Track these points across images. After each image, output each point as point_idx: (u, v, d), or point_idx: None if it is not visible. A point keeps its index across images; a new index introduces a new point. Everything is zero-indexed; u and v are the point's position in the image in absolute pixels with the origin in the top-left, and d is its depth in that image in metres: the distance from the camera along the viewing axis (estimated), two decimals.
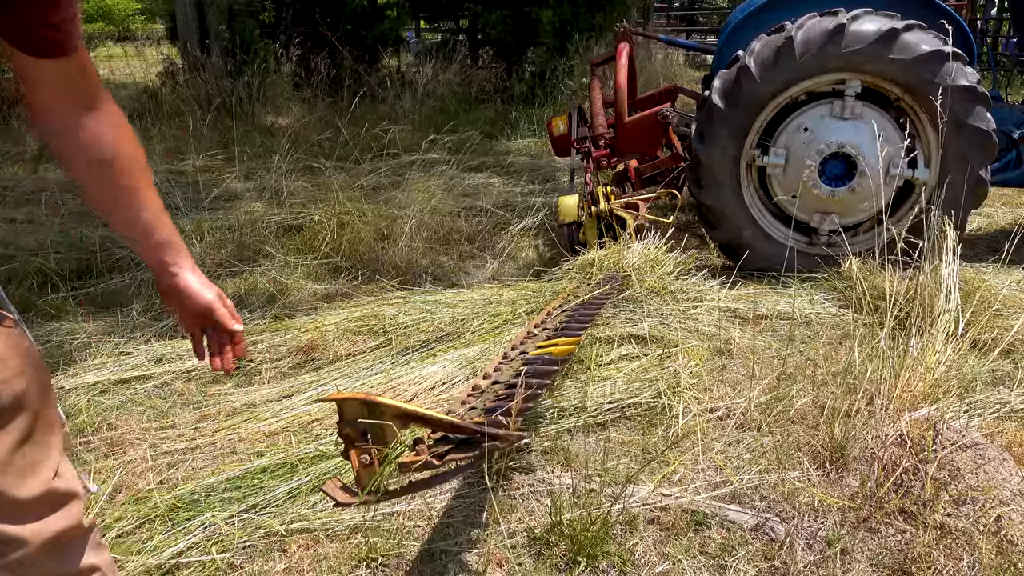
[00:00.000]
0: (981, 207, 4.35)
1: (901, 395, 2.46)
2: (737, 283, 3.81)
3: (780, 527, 2.07)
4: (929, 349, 2.64)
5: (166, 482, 2.32)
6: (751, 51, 3.87)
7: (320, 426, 2.59)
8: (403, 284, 3.99)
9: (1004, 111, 4.40)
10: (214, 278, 4.04)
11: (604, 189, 4.21)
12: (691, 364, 2.90)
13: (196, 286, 1.24)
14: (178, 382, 2.97)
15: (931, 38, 3.71)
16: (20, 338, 1.05)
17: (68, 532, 1.10)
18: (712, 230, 4.17)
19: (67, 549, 1.11)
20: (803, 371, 2.90)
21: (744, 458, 2.40)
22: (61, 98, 1.05)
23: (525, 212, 5.26)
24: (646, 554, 2.00)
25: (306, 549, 2.01)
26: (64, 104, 1.06)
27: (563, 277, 3.82)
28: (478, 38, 11.55)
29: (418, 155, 6.17)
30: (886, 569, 1.94)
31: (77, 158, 1.09)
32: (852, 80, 3.82)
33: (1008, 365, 2.98)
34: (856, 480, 2.22)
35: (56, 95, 1.04)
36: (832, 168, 3.97)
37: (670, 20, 18.77)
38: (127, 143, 1.13)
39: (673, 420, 2.56)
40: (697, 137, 4.04)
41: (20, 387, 1.03)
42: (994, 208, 5.45)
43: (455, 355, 3.05)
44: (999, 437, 2.46)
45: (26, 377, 1.04)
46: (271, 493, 2.21)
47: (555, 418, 2.62)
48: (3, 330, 1.02)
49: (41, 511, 1.06)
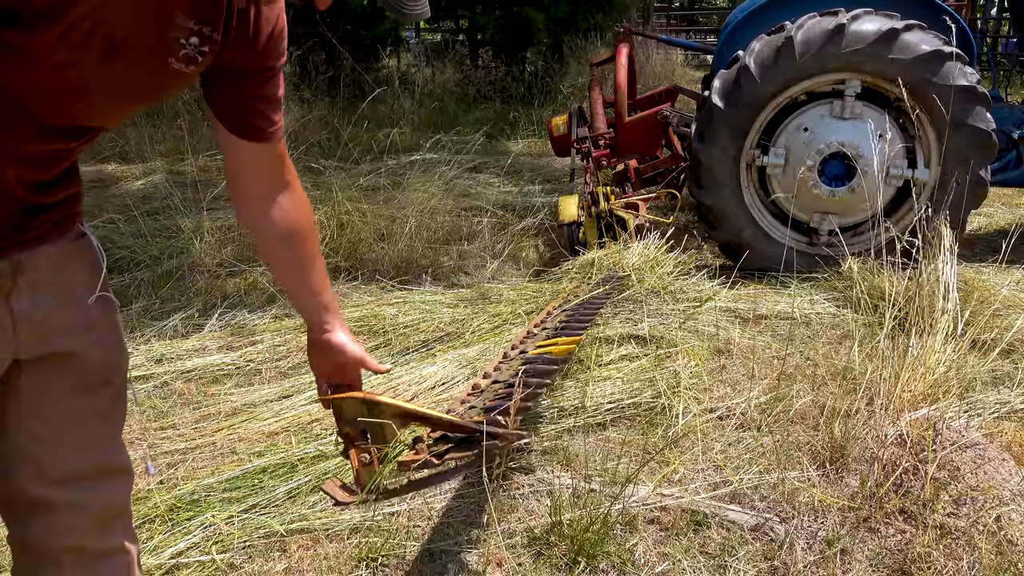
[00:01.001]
0: (981, 207, 4.35)
1: (901, 395, 2.46)
2: (737, 283, 3.81)
3: (780, 527, 2.07)
4: (929, 349, 2.64)
5: (166, 482, 2.32)
6: (751, 51, 3.87)
7: (320, 426, 2.59)
8: (403, 284, 3.99)
9: (1004, 111, 4.40)
10: (214, 278, 4.05)
11: (604, 189, 4.21)
12: (691, 364, 2.90)
13: (348, 342, 1.39)
14: (178, 382, 2.97)
15: (931, 38, 3.71)
16: (118, 320, 1.19)
17: (116, 507, 1.18)
18: (712, 230, 4.17)
19: (110, 525, 1.17)
20: (803, 371, 2.90)
21: (744, 458, 2.40)
22: (259, 177, 1.24)
23: (525, 212, 5.26)
24: (646, 554, 2.00)
25: (306, 549, 2.01)
26: (261, 182, 1.24)
27: (563, 277, 3.82)
28: (478, 38, 11.55)
29: (418, 155, 6.17)
30: (886, 569, 1.94)
31: (268, 230, 1.27)
32: (852, 80, 3.82)
33: (1008, 365, 2.98)
34: (856, 480, 2.22)
35: (255, 174, 1.23)
36: (832, 168, 3.97)
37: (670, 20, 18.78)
38: (309, 220, 1.32)
39: (673, 420, 2.55)
40: (697, 137, 4.04)
41: (114, 363, 1.16)
42: (994, 208, 5.45)
43: (455, 355, 3.05)
44: (999, 437, 2.46)
45: (121, 356, 1.19)
46: (271, 493, 2.21)
47: (555, 418, 2.62)
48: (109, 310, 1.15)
49: (98, 482, 1.13)
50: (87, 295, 1.10)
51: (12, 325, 1.03)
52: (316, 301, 1.35)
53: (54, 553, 1.11)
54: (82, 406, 1.11)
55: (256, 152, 1.20)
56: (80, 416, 1.10)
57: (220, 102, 1.16)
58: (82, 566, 1.13)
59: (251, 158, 1.21)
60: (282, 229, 1.27)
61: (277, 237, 1.28)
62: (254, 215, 1.26)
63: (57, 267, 1.07)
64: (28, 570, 1.14)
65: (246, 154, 1.20)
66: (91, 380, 1.11)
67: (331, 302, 1.37)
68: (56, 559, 1.11)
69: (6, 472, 1.08)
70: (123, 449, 1.20)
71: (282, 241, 1.28)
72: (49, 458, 1.08)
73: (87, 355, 1.10)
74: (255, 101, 1.16)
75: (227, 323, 3.53)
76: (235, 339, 3.32)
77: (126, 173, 6.33)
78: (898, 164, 3.91)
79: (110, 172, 6.51)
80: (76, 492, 1.10)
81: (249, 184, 1.24)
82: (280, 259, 1.32)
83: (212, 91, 1.15)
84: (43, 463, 1.07)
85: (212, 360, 3.12)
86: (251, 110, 1.17)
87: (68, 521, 1.11)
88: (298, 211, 1.28)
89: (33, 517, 1.10)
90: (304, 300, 1.36)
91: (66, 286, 1.08)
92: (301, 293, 1.35)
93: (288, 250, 1.30)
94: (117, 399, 1.18)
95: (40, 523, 1.09)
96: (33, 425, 1.07)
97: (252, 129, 1.18)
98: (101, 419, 1.14)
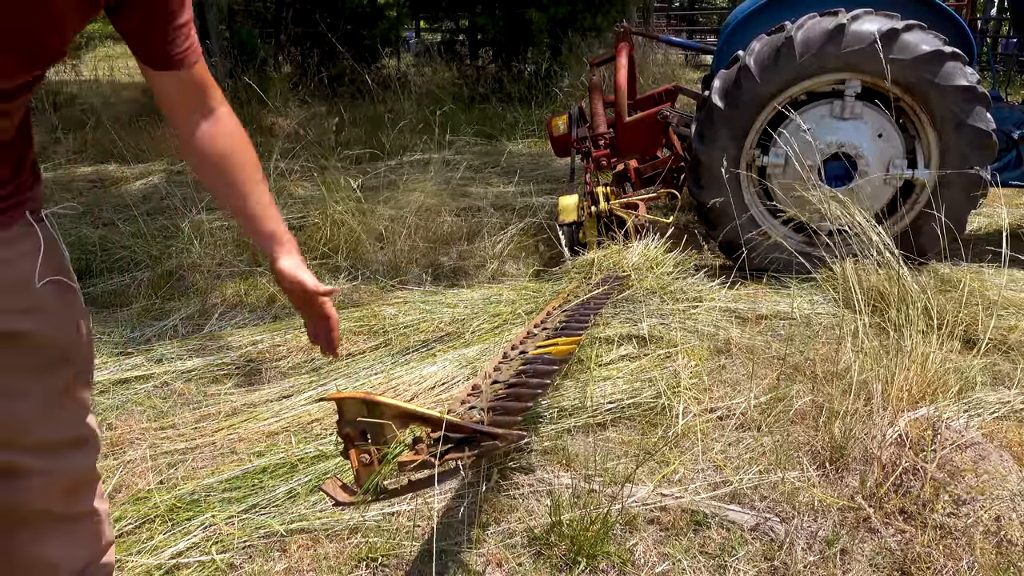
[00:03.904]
0: (981, 207, 4.34)
1: (900, 395, 2.46)
2: (737, 283, 3.81)
3: (780, 527, 2.07)
4: (928, 349, 2.64)
5: (166, 482, 2.32)
6: (751, 51, 3.87)
7: (320, 426, 2.59)
8: (403, 284, 3.99)
9: (1004, 111, 4.40)
10: (214, 278, 4.05)
11: (604, 189, 4.20)
12: (691, 364, 2.90)
13: (289, 268, 1.35)
14: (178, 382, 2.97)
15: (931, 38, 3.71)
16: (77, 304, 1.22)
17: (83, 475, 1.24)
18: (712, 230, 4.17)
19: (79, 490, 1.24)
20: (803, 371, 2.90)
21: (744, 458, 2.40)
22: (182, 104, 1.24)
23: (525, 212, 5.26)
24: (646, 554, 2.00)
25: (306, 549, 2.02)
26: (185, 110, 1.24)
27: (563, 277, 3.82)
28: (478, 38, 11.55)
29: (417, 155, 6.17)
30: (886, 569, 1.94)
31: (199, 158, 1.27)
32: (852, 80, 3.82)
33: (1008, 365, 2.98)
34: (856, 480, 2.22)
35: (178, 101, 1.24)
36: (832, 168, 3.97)
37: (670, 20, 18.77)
38: (240, 145, 1.30)
39: (673, 420, 2.56)
40: (697, 137, 4.04)
41: (71, 343, 1.20)
42: (994, 208, 5.44)
43: (455, 355, 3.05)
44: (998, 437, 2.46)
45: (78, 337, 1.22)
46: (271, 493, 2.21)
47: (555, 418, 2.62)
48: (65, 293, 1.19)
49: (63, 452, 1.20)
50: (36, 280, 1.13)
51: None
52: (257, 228, 1.33)
53: (23, 515, 1.18)
54: (42, 382, 1.16)
55: (171, 81, 1.20)
56: (41, 391, 1.16)
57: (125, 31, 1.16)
58: (50, 527, 1.20)
59: (167, 87, 1.21)
60: (211, 156, 1.27)
61: (209, 166, 1.28)
62: (185, 144, 1.27)
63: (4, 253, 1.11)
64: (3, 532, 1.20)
65: (162, 83, 1.21)
66: (46, 358, 1.16)
67: (275, 229, 1.34)
68: (25, 521, 1.18)
69: None
70: (90, 423, 1.26)
71: (213, 169, 1.28)
72: (17, 429, 1.14)
73: (37, 335, 1.14)
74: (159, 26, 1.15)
75: (227, 323, 3.54)
76: (235, 339, 3.32)
77: (126, 173, 6.33)
78: (898, 164, 3.91)
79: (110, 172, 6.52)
80: (44, 460, 1.17)
81: (174, 113, 1.25)
82: (214, 186, 1.32)
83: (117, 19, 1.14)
84: (12, 433, 1.14)
85: (212, 360, 3.12)
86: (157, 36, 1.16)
87: (37, 486, 1.17)
88: (226, 137, 1.28)
89: (4, 482, 1.16)
90: (248, 228, 1.35)
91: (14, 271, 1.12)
92: (243, 221, 1.34)
93: (220, 177, 1.29)
94: (79, 375, 1.23)
95: (11, 487, 1.16)
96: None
97: (161, 57, 1.18)
98: (63, 394, 1.19)
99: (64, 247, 1.23)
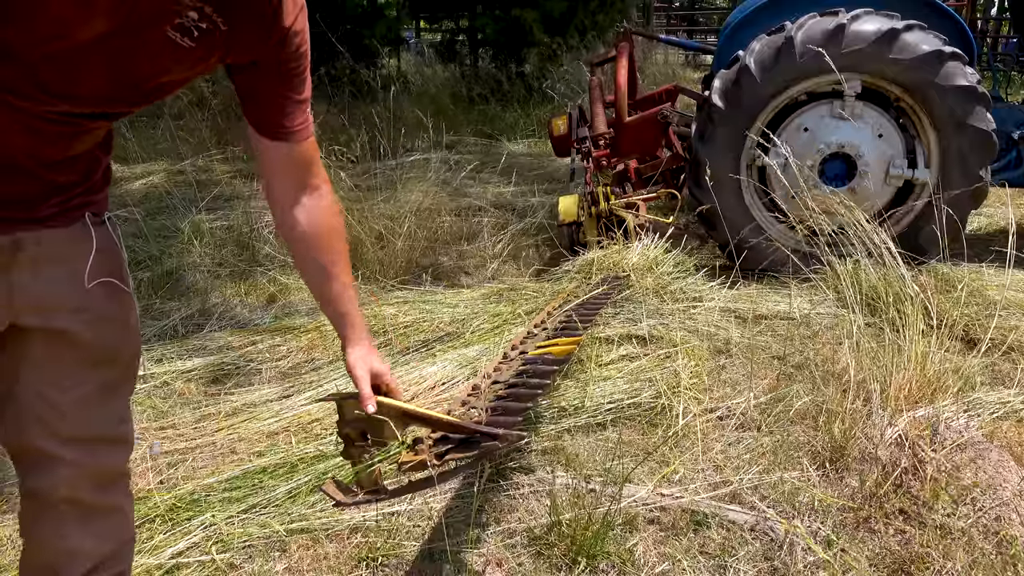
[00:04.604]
0: (981, 207, 4.34)
1: (900, 395, 2.46)
2: (737, 283, 3.81)
3: (780, 527, 2.07)
4: (928, 349, 2.64)
5: (166, 482, 2.32)
6: (751, 51, 3.87)
7: (320, 426, 2.59)
8: (403, 284, 3.99)
9: (1004, 111, 4.40)
10: (214, 278, 4.05)
11: (604, 189, 4.20)
12: (691, 364, 2.90)
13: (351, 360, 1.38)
14: (178, 382, 2.97)
15: (931, 38, 3.71)
16: (128, 306, 1.27)
17: (115, 470, 1.29)
18: (712, 230, 4.17)
19: (106, 485, 1.28)
20: (802, 371, 2.90)
21: (744, 458, 2.40)
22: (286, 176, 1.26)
23: (525, 212, 5.26)
24: (646, 554, 2.00)
25: (306, 549, 2.01)
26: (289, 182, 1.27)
27: (563, 277, 3.82)
28: (477, 38, 11.54)
29: (417, 155, 6.16)
30: (886, 569, 1.94)
31: (291, 231, 1.30)
32: (852, 80, 3.82)
33: (1008, 365, 2.98)
34: (856, 480, 2.22)
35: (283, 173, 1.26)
36: (832, 168, 3.96)
37: (670, 20, 18.78)
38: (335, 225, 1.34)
39: (673, 420, 2.55)
40: (697, 137, 4.04)
41: (119, 344, 1.24)
42: (994, 208, 5.44)
43: (455, 355, 3.05)
44: (998, 437, 2.46)
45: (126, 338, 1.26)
46: (271, 493, 2.20)
47: (555, 418, 2.62)
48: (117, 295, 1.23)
49: (98, 447, 1.24)
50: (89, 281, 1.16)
51: (9, 297, 1.11)
52: (332, 310, 1.36)
53: (54, 502, 1.21)
54: (84, 378, 1.19)
55: (279, 151, 1.22)
56: (82, 387, 1.19)
57: (244, 95, 1.19)
58: (77, 515, 1.23)
59: (274, 157, 1.23)
60: (303, 232, 1.28)
61: (299, 240, 1.30)
62: (280, 215, 1.29)
63: (61, 251, 1.14)
64: (32, 516, 1.25)
65: (270, 152, 1.23)
66: (90, 357, 1.19)
67: (347, 311, 1.36)
68: (55, 507, 1.22)
69: (19, 428, 1.19)
70: (128, 422, 1.31)
71: (303, 244, 1.30)
72: (56, 419, 1.18)
73: (82, 335, 1.17)
74: (277, 98, 1.18)
75: (227, 323, 3.53)
76: (235, 339, 3.32)
77: (126, 173, 6.33)
78: (898, 164, 3.91)
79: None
80: (78, 452, 1.20)
81: (274, 183, 1.27)
82: (302, 259, 1.34)
83: (237, 82, 1.17)
84: (51, 422, 1.18)
85: (212, 360, 3.12)
86: (273, 107, 1.19)
87: (69, 475, 1.20)
88: (322, 216, 1.29)
89: (40, 468, 1.20)
90: (324, 307, 1.38)
91: (68, 269, 1.15)
92: (322, 299, 1.36)
93: (309, 252, 1.31)
94: (122, 376, 1.27)
95: (44, 474, 1.20)
96: (42, 389, 1.17)
97: (274, 127, 1.20)
98: (103, 391, 1.22)
99: (124, 251, 1.26)
